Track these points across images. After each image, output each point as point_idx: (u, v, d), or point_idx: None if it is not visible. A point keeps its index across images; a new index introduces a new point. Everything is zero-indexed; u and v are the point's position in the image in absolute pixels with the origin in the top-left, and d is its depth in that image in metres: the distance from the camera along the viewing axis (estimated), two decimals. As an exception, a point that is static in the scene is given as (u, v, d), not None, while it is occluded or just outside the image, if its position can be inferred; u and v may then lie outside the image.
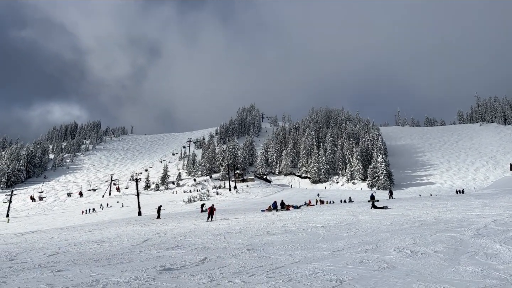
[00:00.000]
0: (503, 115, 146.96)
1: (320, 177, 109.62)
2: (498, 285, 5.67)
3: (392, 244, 10.28)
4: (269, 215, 28.10)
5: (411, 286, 5.90)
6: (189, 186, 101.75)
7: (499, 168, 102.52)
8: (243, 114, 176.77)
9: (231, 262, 8.91)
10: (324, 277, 6.76)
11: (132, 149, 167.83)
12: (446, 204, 25.67)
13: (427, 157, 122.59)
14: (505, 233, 10.99)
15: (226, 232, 16.37)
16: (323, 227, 16.16)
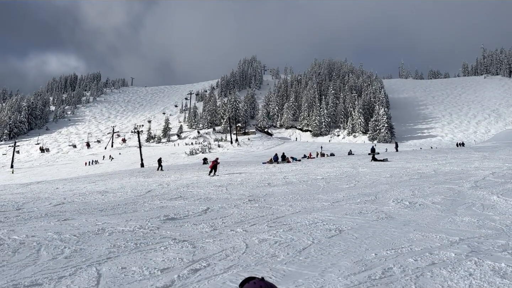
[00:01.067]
0: (508, 67, 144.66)
1: (321, 130, 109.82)
2: (493, 235, 5.82)
3: (391, 196, 10.46)
4: (270, 167, 28.44)
5: (408, 235, 6.06)
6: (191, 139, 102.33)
7: (501, 121, 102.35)
8: (244, 66, 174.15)
9: (233, 212, 9.12)
10: (323, 227, 6.94)
11: (133, 101, 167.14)
12: (445, 156, 25.87)
13: (429, 110, 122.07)
14: (503, 185, 11.15)
15: (228, 184, 16.64)
16: (323, 179, 16.40)
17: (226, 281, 4.28)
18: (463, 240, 5.55)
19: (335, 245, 5.65)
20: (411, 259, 4.79)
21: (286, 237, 6.25)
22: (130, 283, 4.40)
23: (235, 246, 5.83)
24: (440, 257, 4.83)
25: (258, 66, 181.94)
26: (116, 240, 6.55)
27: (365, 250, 5.32)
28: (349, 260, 4.89)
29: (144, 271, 4.80)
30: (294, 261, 4.97)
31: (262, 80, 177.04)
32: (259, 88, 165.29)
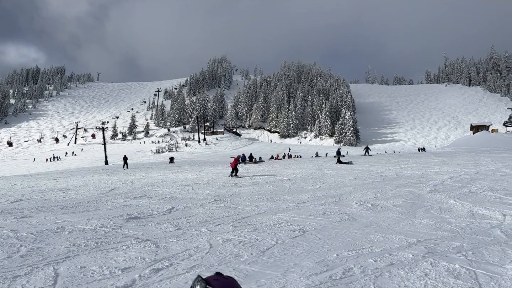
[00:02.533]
0: (468, 77, 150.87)
1: (289, 132, 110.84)
2: (449, 237, 6.06)
3: (354, 198, 10.69)
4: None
5: (369, 236, 6.21)
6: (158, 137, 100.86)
7: (460, 128, 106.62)
8: (214, 66, 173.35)
9: (198, 212, 9.06)
10: (288, 227, 7.01)
11: (98, 97, 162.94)
12: (407, 161, 26.69)
13: (394, 115, 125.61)
14: (460, 189, 11.62)
15: (194, 183, 16.51)
16: (289, 180, 16.55)
17: (189, 281, 4.25)
18: (421, 242, 5.74)
19: (298, 246, 5.71)
20: (371, 259, 4.92)
21: (251, 237, 6.28)
22: (89, 282, 4.30)
23: (198, 246, 5.80)
24: (398, 258, 4.98)
25: (228, 66, 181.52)
26: (76, 238, 6.38)
27: (327, 251, 5.41)
28: (312, 260, 4.97)
29: (104, 270, 4.69)
30: (257, 261, 5.00)
31: (231, 80, 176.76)
32: (228, 88, 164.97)
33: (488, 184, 12.43)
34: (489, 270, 4.43)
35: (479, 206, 8.49)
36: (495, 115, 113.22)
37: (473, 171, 17.08)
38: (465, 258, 4.87)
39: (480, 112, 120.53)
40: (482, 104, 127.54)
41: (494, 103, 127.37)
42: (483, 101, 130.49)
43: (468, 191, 10.97)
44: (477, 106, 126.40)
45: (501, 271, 4.37)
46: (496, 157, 26.33)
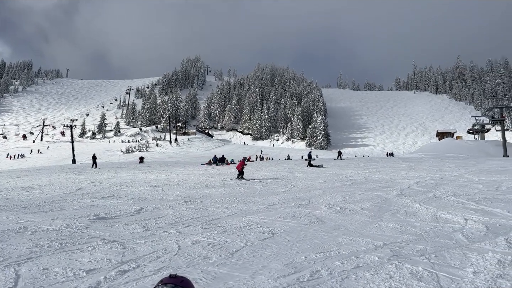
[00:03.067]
0: (435, 85, 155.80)
1: (262, 134, 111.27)
2: (413, 240, 6.22)
3: (323, 201, 10.83)
4: (208, 169, 28.30)
5: (337, 239, 6.31)
6: (128, 136, 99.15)
7: (426, 134, 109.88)
8: (188, 66, 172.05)
9: (168, 213, 8.96)
10: (257, 229, 7.02)
11: (67, 93, 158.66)
12: (376, 165, 27.27)
13: (364, 120, 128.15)
14: (425, 194, 11.96)
15: (164, 184, 16.32)
16: (261, 182, 16.61)
17: (155, 283, 4.19)
18: (387, 245, 5.87)
19: (267, 248, 5.74)
20: (338, 262, 4.99)
21: (220, 239, 6.26)
22: (52, 284, 4.17)
23: (167, 248, 5.73)
24: (364, 260, 5.08)
25: (202, 66, 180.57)
26: (39, 239, 6.18)
27: (296, 253, 5.46)
28: (280, 262, 5.00)
29: (68, 272, 4.57)
30: (226, 263, 4.99)
31: (205, 80, 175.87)
32: (201, 88, 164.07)
33: (451, 189, 12.85)
34: (451, 272, 4.58)
35: (442, 211, 8.76)
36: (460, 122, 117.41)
37: (438, 177, 17.63)
38: (428, 261, 5.01)
39: (446, 119, 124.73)
40: (448, 112, 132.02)
41: (459, 111, 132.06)
42: (449, 109, 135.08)
43: (432, 196, 11.31)
44: (443, 113, 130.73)
45: (461, 274, 4.52)
46: (460, 163, 27.28)
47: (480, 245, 5.81)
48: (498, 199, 10.30)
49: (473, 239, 6.20)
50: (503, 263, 4.87)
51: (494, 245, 5.77)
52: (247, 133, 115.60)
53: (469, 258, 5.14)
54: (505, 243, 5.86)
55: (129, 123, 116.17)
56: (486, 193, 11.71)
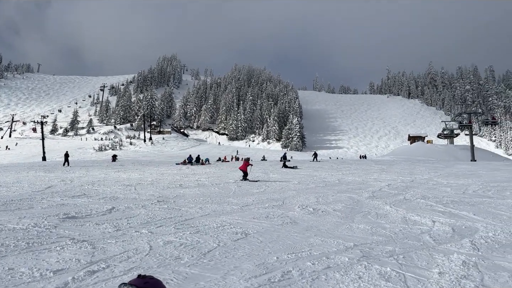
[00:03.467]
0: (408, 90, 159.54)
1: (238, 134, 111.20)
2: (383, 241, 6.36)
3: (297, 202, 10.92)
4: (183, 168, 28.09)
5: (309, 240, 6.38)
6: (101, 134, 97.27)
7: (399, 138, 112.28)
8: (164, 64, 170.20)
9: (140, 212, 8.85)
10: (230, 230, 7.03)
11: (38, 89, 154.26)
12: (349, 167, 27.70)
13: (338, 123, 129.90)
14: (396, 196, 12.23)
15: (137, 183, 16.10)
16: (235, 183, 16.60)
17: (125, 284, 4.14)
18: (357, 246, 5.98)
19: (240, 248, 5.75)
20: (309, 262, 5.05)
21: (192, 240, 6.23)
22: (17, 285, 4.06)
23: (138, 248, 5.66)
24: (335, 261, 5.16)
25: (178, 65, 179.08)
26: (5, 238, 6.00)
27: (268, 254, 5.49)
28: (252, 263, 5.02)
29: (35, 272, 4.45)
30: (198, 263, 4.97)
31: (181, 79, 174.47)
32: (177, 87, 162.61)
33: (421, 192, 13.19)
34: (417, 273, 4.70)
35: (412, 213, 8.98)
36: (431, 127, 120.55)
37: (408, 179, 18.06)
38: (396, 262, 5.13)
39: (418, 123, 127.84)
40: (420, 116, 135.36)
41: (430, 116, 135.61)
42: (420, 113, 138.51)
43: (403, 198, 11.58)
44: (415, 117, 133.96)
45: (427, 274, 4.65)
46: (430, 167, 28.02)
47: (446, 246, 5.98)
48: (464, 202, 10.64)
49: (439, 240, 6.38)
50: (467, 264, 5.03)
51: (460, 246, 5.96)
52: (223, 133, 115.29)
53: (435, 259, 5.29)
54: (470, 244, 6.06)
55: (102, 121, 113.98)
56: (454, 196, 12.07)
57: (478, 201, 10.80)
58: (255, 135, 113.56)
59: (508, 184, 15.69)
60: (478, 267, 4.91)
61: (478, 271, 4.77)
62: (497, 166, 31.36)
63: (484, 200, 11.07)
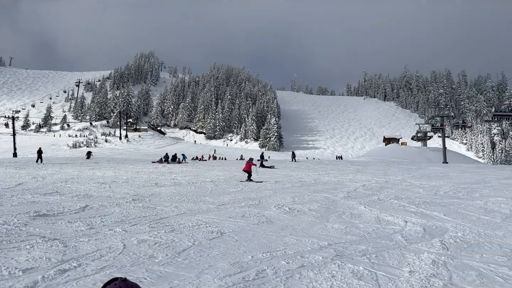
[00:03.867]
0: (384, 92, 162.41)
1: (216, 133, 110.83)
2: (356, 241, 6.47)
3: (273, 201, 10.98)
4: (159, 167, 27.80)
5: (284, 239, 6.43)
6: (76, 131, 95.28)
7: (374, 139, 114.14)
8: (141, 61, 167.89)
9: (114, 211, 8.72)
10: (206, 229, 7.01)
11: (9, 83, 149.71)
12: (325, 168, 28.00)
13: (316, 123, 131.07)
14: (370, 196, 12.45)
15: (112, 181, 15.84)
16: (212, 182, 16.55)
17: (97, 282, 4.08)
18: (331, 245, 6.06)
19: (215, 247, 5.74)
20: (284, 261, 5.09)
21: (167, 238, 6.18)
22: (-16, 285, 3.94)
23: (111, 246, 5.58)
24: (309, 260, 5.21)
25: (156, 62, 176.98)
26: (-29, 237, 5.81)
27: (243, 253, 5.51)
28: (227, 262, 5.02)
29: (3, 271, 4.34)
30: (172, 262, 4.94)
31: (158, 77, 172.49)
32: (155, 84, 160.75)
33: (394, 192, 13.47)
34: (389, 272, 4.80)
35: (385, 213, 9.16)
36: (405, 129, 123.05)
37: (383, 180, 18.40)
38: (369, 261, 5.23)
39: (393, 125, 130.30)
40: (395, 119, 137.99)
41: (405, 118, 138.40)
42: (395, 116, 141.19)
43: (377, 199, 11.79)
44: (390, 120, 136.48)
45: (398, 273, 4.76)
46: (404, 168, 28.62)
47: (417, 246, 6.13)
48: (436, 203, 10.92)
49: (411, 240, 6.54)
50: (437, 263, 5.18)
51: (430, 246, 6.12)
52: (200, 131, 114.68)
53: (406, 258, 5.42)
54: (440, 244, 6.22)
55: (77, 117, 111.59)
56: (426, 197, 12.38)
57: (449, 202, 11.10)
58: (233, 134, 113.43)
59: (477, 186, 16.19)
60: (447, 266, 5.05)
61: (447, 270, 4.91)
62: (467, 168, 32.29)
63: (454, 201, 11.39)
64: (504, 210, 9.71)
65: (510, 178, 20.17)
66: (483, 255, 5.59)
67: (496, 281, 4.53)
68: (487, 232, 7.12)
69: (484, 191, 14.15)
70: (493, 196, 12.61)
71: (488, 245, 6.21)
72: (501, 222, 8.14)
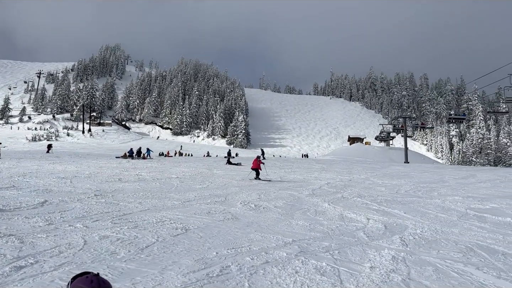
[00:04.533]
0: (349, 92, 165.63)
1: (182, 129, 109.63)
2: (320, 237, 6.57)
3: (239, 198, 10.99)
4: (123, 162, 27.20)
5: (249, 235, 6.45)
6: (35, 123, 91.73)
7: (339, 139, 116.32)
8: (107, 53, 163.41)
9: (75, 206, 8.47)
10: (170, 225, 6.93)
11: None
12: (292, 166, 28.29)
13: (283, 122, 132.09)
14: (334, 194, 12.69)
15: (73, 176, 15.37)
16: (178, 178, 16.37)
17: (55, 279, 3.95)
18: (295, 242, 6.13)
19: (179, 244, 5.69)
20: (248, 257, 5.10)
21: (130, 235, 6.06)
22: None
23: (71, 242, 5.42)
24: (273, 256, 5.25)
25: (122, 55, 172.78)
26: None
27: (208, 249, 5.48)
28: (191, 258, 4.98)
29: (-47, 269, 4.12)
30: (135, 258, 4.85)
31: (124, 70, 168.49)
32: (120, 78, 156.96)
33: (358, 190, 13.78)
34: (351, 268, 4.91)
35: (348, 210, 9.36)
36: (369, 129, 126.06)
37: (347, 179, 18.78)
38: (332, 257, 5.33)
39: (357, 125, 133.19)
40: (359, 119, 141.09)
41: (369, 119, 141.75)
42: (360, 116, 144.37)
43: (341, 196, 12.03)
44: (355, 119, 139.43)
45: (360, 269, 4.88)
46: (367, 167, 29.33)
47: (378, 242, 6.30)
48: (397, 201, 11.25)
49: (372, 237, 6.71)
50: (396, 259, 5.34)
51: (390, 242, 6.30)
52: (167, 127, 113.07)
53: (368, 254, 5.56)
54: (399, 241, 6.42)
55: (37, 110, 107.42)
56: (387, 195, 12.73)
57: (409, 201, 11.47)
58: (200, 130, 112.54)
59: (436, 185, 16.82)
60: (406, 262, 5.22)
61: (405, 265, 5.08)
62: (427, 168, 33.46)
63: (414, 199, 11.78)
64: (460, 208, 10.13)
65: (466, 178, 21.07)
66: (440, 251, 5.81)
67: (451, 276, 4.72)
68: (444, 230, 7.41)
69: (442, 190, 14.71)
70: (450, 195, 13.13)
71: (445, 241, 6.46)
72: (457, 220, 8.48)
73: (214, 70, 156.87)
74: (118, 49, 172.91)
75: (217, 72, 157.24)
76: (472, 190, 14.79)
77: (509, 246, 6.27)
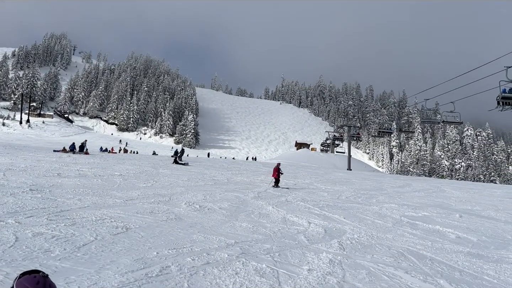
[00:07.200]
0: (299, 99, 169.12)
1: (129, 125, 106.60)
2: (262, 240, 6.68)
3: (184, 198, 10.89)
4: (64, 156, 25.94)
5: (192, 236, 6.43)
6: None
7: (287, 143, 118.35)
8: (51, 41, 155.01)
9: (8, 201, 8.00)
10: (110, 224, 6.74)
11: None
12: (239, 168, 28.39)
13: (233, 123, 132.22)
14: (279, 197, 12.91)
15: (7, 169, 14.46)
16: (121, 176, 15.90)
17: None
18: (238, 243, 6.20)
19: (119, 243, 5.56)
20: (189, 258, 5.09)
21: (67, 232, 5.84)
22: None
23: (1, 239, 5.13)
24: (215, 257, 5.28)
25: (68, 45, 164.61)
26: None
27: (148, 249, 5.40)
28: (130, 257, 4.89)
29: None
30: (70, 257, 4.68)
31: (70, 60, 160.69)
32: (65, 68, 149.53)
33: (301, 195, 14.12)
34: (289, 270, 5.05)
35: (291, 214, 9.58)
36: (316, 135, 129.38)
37: (292, 183, 19.16)
38: (272, 259, 5.45)
39: (305, 131, 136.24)
40: (307, 125, 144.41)
41: (316, 125, 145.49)
42: (308, 122, 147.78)
43: (285, 200, 12.27)
44: (303, 125, 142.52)
45: (298, 271, 5.03)
46: (312, 172, 30.07)
47: (317, 246, 6.52)
48: (338, 207, 11.67)
49: (312, 240, 6.93)
50: (333, 262, 5.55)
51: (329, 246, 6.54)
52: (112, 122, 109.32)
53: (307, 257, 5.74)
54: (337, 245, 6.68)
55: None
56: (329, 200, 13.16)
57: (349, 206, 11.93)
58: (147, 127, 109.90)
59: (375, 192, 17.60)
60: (342, 265, 5.45)
61: (341, 268, 5.30)
62: (368, 175, 34.90)
63: (354, 205, 12.27)
64: (395, 215, 10.70)
65: (403, 187, 22.22)
66: (374, 256, 6.12)
67: (382, 279, 4.99)
68: (379, 235, 7.80)
69: (380, 197, 15.43)
70: (387, 202, 13.81)
71: (379, 246, 6.81)
72: (391, 226, 8.95)
73: (165, 67, 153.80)
74: (65, 38, 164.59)
75: (168, 69, 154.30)
76: (407, 199, 15.63)
77: (437, 252, 6.72)
